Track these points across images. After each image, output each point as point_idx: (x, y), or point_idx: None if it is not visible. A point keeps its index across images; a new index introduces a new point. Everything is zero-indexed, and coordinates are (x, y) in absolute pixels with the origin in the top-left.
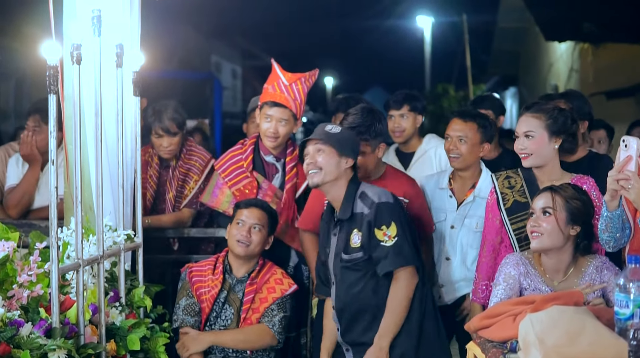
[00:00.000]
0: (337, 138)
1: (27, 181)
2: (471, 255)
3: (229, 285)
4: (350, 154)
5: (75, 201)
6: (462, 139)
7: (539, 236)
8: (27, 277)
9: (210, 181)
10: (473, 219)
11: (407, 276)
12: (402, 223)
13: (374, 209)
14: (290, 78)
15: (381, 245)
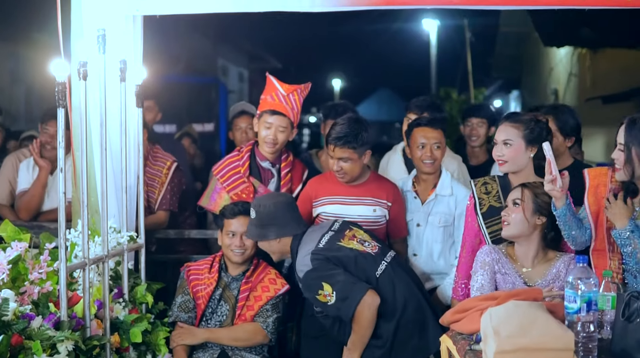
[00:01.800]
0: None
1: (36, 185)
2: (436, 249)
3: (225, 283)
4: (270, 235)
5: (82, 205)
6: (438, 146)
7: (508, 225)
8: (37, 275)
9: (209, 185)
10: (436, 216)
11: (365, 307)
12: (328, 271)
13: (303, 282)
14: (287, 89)
15: (328, 305)
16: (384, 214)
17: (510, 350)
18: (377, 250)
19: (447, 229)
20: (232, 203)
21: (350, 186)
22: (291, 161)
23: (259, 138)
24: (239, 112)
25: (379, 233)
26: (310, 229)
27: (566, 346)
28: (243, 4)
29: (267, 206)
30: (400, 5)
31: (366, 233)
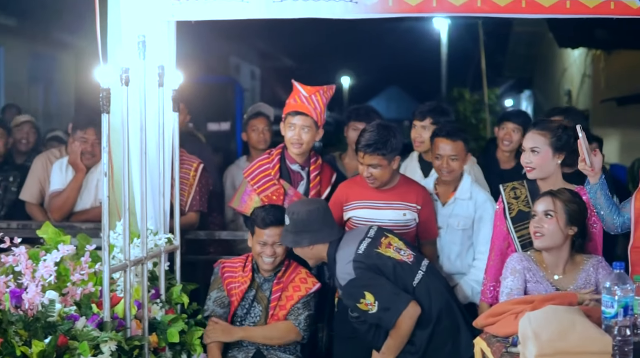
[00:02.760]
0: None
1: (71, 187)
2: (454, 251)
3: (257, 284)
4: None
5: (124, 208)
6: (454, 158)
7: (542, 236)
8: (79, 276)
9: (239, 188)
10: (455, 219)
11: (406, 317)
12: (371, 280)
13: (344, 290)
14: (309, 90)
15: (369, 313)
16: (414, 218)
17: (550, 353)
18: (413, 258)
19: (465, 232)
20: (264, 211)
21: (380, 190)
22: (320, 164)
23: (285, 140)
24: (255, 114)
25: (409, 236)
26: (346, 235)
27: (604, 350)
28: (277, 11)
29: (300, 213)
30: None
31: (401, 241)
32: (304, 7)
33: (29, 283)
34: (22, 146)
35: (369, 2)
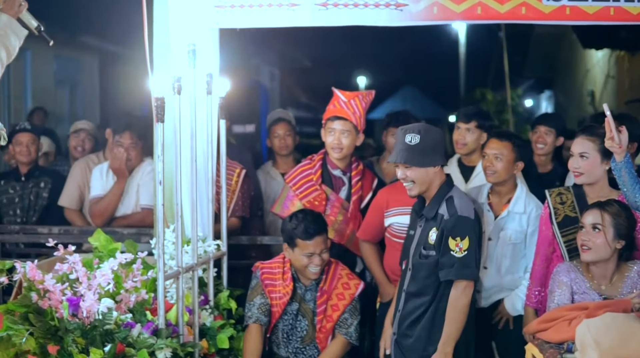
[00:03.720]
0: (417, 151)
1: (113, 193)
2: (505, 264)
3: (299, 295)
4: (434, 161)
5: (176, 216)
6: (498, 157)
7: (589, 250)
8: (132, 283)
9: (281, 193)
10: (507, 232)
11: (466, 289)
12: (475, 240)
13: (454, 219)
14: (348, 95)
15: (451, 253)
16: None
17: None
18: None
19: (517, 246)
20: (304, 221)
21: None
22: (361, 169)
23: (326, 145)
24: (276, 120)
25: None
26: (456, 187)
27: None
28: (322, 18)
29: (431, 131)
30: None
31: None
32: (349, 14)
33: (85, 292)
34: (77, 153)
35: (414, 10)
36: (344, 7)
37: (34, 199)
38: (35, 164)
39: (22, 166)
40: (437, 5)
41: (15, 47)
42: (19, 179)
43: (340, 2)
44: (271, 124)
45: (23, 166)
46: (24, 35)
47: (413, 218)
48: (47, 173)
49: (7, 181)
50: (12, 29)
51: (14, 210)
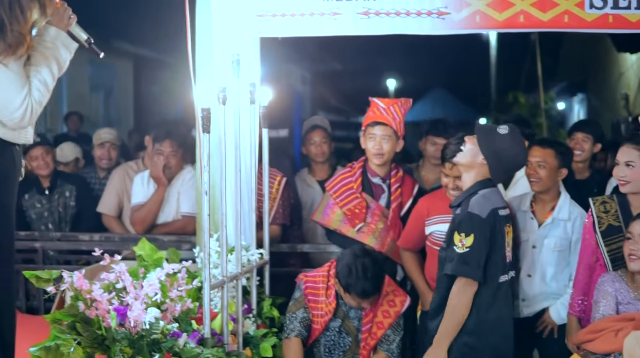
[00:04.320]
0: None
1: (154, 201)
2: (549, 272)
3: (343, 312)
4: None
5: (221, 226)
6: (541, 165)
7: (637, 260)
8: (177, 293)
9: (321, 201)
10: (552, 239)
11: (465, 287)
12: (482, 240)
13: (463, 215)
14: (387, 102)
15: (453, 247)
16: None
17: None
18: (510, 259)
19: (562, 253)
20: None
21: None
22: (401, 176)
23: (366, 151)
24: (312, 127)
25: None
26: (495, 189)
27: None
28: (365, 27)
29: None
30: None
31: (511, 239)
32: (391, 23)
33: (133, 301)
34: (103, 164)
35: (456, 18)
36: (385, 15)
37: (62, 210)
38: (55, 174)
39: (43, 178)
40: (479, 14)
41: (66, 60)
42: (42, 192)
43: (382, 11)
44: (307, 131)
45: (44, 179)
46: (74, 48)
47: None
48: (70, 181)
49: (32, 196)
50: (62, 42)
51: (46, 224)
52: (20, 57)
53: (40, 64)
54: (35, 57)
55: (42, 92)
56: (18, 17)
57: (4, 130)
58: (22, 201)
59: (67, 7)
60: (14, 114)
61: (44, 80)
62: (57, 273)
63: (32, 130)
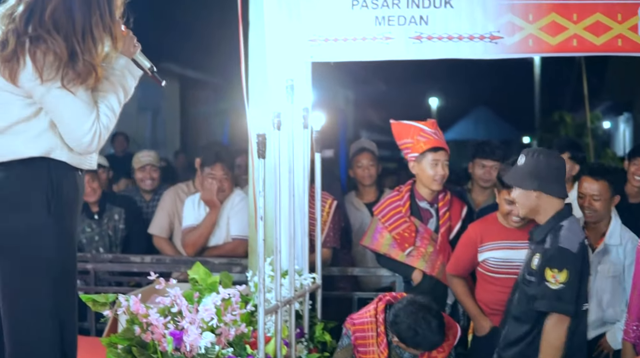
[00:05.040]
0: (518, 172)
1: (205, 224)
2: (605, 298)
3: (397, 355)
4: (531, 185)
5: (275, 251)
6: (596, 198)
7: None
8: (231, 317)
9: (370, 225)
10: (605, 265)
11: (559, 323)
12: (575, 274)
13: (554, 250)
14: (431, 125)
15: (545, 284)
16: None
17: None
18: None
19: (616, 278)
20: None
21: (516, 229)
22: (449, 199)
23: (424, 177)
24: (360, 149)
25: None
26: (574, 218)
27: None
28: (417, 51)
29: (541, 157)
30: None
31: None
32: (443, 47)
33: (188, 326)
34: (146, 186)
35: (509, 42)
36: (438, 40)
37: (113, 233)
38: (103, 197)
39: (92, 204)
40: (532, 38)
41: (131, 88)
42: (92, 217)
43: (435, 35)
44: (355, 154)
45: (93, 205)
46: (139, 75)
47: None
48: (118, 203)
49: (82, 220)
50: (129, 70)
51: (97, 248)
52: (89, 87)
53: (108, 90)
54: (103, 84)
55: (109, 117)
56: (90, 49)
57: (70, 155)
58: None
59: (133, 36)
60: (82, 139)
61: (111, 106)
62: (113, 297)
63: (97, 156)
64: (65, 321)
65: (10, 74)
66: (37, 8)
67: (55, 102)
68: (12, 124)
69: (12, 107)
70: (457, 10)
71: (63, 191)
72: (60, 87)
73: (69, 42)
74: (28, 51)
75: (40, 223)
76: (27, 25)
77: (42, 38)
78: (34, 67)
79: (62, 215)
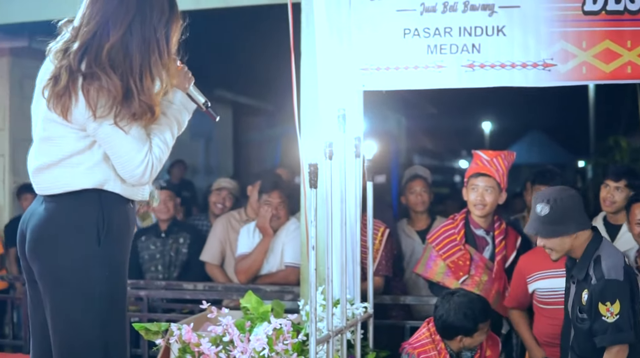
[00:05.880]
0: (547, 222)
1: (258, 251)
2: None
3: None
4: (567, 230)
5: (327, 280)
6: None
7: None
8: (283, 346)
9: (423, 253)
10: None
11: (619, 353)
12: (627, 301)
13: (602, 284)
14: (490, 154)
15: (602, 319)
16: None
17: None
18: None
19: None
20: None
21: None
22: (504, 228)
23: (468, 203)
24: (412, 176)
25: None
26: (606, 241)
27: None
28: (469, 80)
29: (563, 199)
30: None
31: None
32: (495, 75)
33: (240, 355)
34: (217, 210)
35: (562, 70)
36: (490, 68)
37: (174, 255)
38: (174, 220)
39: (162, 222)
40: (585, 65)
41: (185, 122)
42: (159, 235)
43: (487, 63)
44: (408, 181)
45: (162, 223)
46: (192, 109)
47: (567, 272)
48: (186, 229)
49: (148, 238)
50: (183, 104)
51: (156, 266)
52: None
53: (162, 123)
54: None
55: (162, 150)
56: (148, 88)
57: (123, 186)
58: (138, 243)
59: (187, 70)
60: (134, 171)
61: (165, 139)
62: (165, 326)
63: (150, 188)
64: (115, 352)
65: (63, 110)
66: (93, 45)
67: (108, 137)
68: (66, 157)
69: (66, 140)
70: (510, 38)
71: (114, 222)
72: (112, 124)
73: (125, 81)
74: (81, 87)
75: (90, 254)
76: (80, 62)
77: (96, 75)
78: (87, 104)
79: (113, 247)
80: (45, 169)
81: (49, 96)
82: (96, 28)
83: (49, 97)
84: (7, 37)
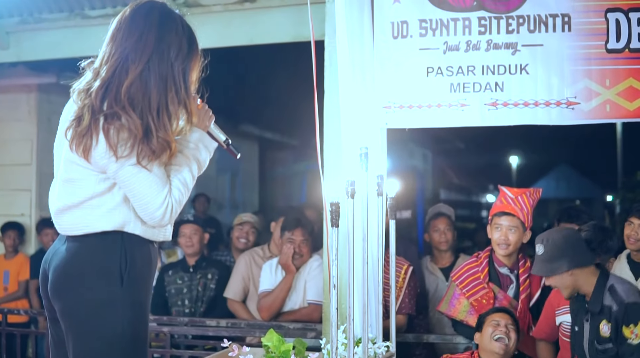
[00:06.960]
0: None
1: (281, 288)
2: None
3: None
4: (561, 268)
5: (348, 319)
6: None
7: None
8: None
9: (447, 291)
10: None
11: None
12: None
13: (623, 308)
14: (515, 192)
15: (628, 342)
16: None
17: None
18: None
19: None
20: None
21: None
22: (529, 266)
23: (492, 242)
24: (436, 214)
25: None
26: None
27: None
28: (492, 118)
29: (555, 239)
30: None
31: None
32: (519, 114)
33: None
34: (240, 245)
35: (586, 109)
36: (513, 106)
37: (201, 290)
38: (202, 255)
39: (189, 257)
40: (609, 103)
41: (205, 161)
42: (187, 270)
43: (510, 102)
44: (431, 218)
45: (190, 258)
46: (213, 148)
47: (574, 314)
48: (214, 264)
49: (175, 272)
50: (203, 143)
51: (182, 301)
52: (162, 162)
53: (182, 164)
54: (177, 157)
55: (182, 192)
56: (165, 125)
57: (144, 228)
58: (165, 277)
59: (208, 109)
60: (154, 213)
61: (184, 180)
62: None
63: (171, 228)
64: None
65: (84, 151)
66: (113, 84)
67: (129, 178)
68: (87, 199)
69: (86, 182)
70: (533, 76)
71: (136, 263)
72: (134, 164)
73: (144, 118)
74: (102, 128)
75: (112, 296)
76: (102, 102)
77: (116, 115)
78: (107, 144)
79: (135, 288)
80: (67, 211)
81: (72, 137)
82: (116, 65)
83: (71, 138)
84: (35, 73)
